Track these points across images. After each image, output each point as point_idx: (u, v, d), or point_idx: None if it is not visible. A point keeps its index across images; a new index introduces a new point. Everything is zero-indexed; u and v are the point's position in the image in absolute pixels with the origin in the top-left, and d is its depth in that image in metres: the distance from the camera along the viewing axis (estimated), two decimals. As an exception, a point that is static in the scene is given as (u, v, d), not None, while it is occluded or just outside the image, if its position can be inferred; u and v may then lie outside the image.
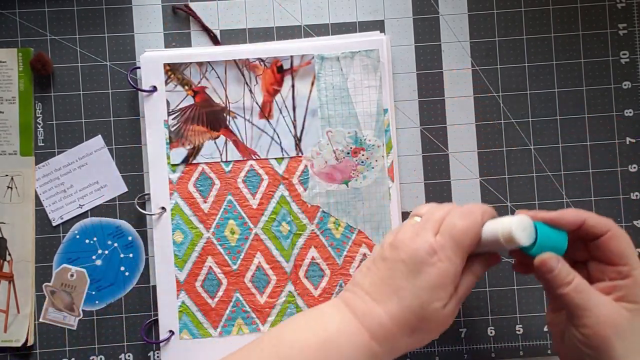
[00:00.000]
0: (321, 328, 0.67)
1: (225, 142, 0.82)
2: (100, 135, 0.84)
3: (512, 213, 0.83)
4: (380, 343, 0.66)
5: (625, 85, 0.85)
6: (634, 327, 0.64)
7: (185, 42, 0.84)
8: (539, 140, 0.85)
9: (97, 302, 0.84)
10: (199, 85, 0.82)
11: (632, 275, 0.65)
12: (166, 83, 0.82)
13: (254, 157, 0.82)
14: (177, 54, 0.82)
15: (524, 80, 0.85)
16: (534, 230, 0.66)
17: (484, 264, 0.71)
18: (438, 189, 0.84)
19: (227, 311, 0.82)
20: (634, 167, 0.85)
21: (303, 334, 0.67)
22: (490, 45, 0.85)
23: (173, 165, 0.82)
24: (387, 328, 0.66)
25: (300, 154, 0.82)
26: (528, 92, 0.85)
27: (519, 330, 0.84)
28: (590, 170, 0.85)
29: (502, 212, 0.84)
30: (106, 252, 0.84)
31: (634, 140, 0.85)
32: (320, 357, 0.65)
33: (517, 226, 0.65)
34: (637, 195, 0.85)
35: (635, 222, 0.85)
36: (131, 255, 0.84)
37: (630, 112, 0.85)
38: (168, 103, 0.82)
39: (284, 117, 0.82)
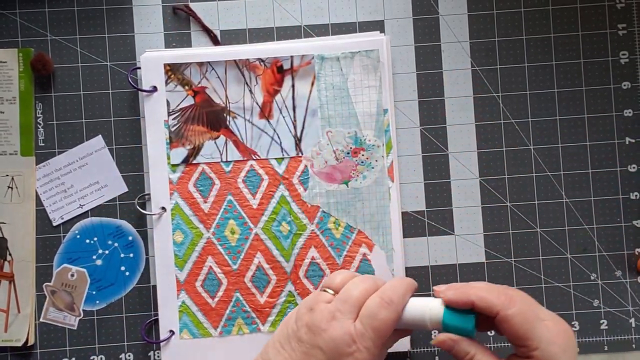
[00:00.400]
0: None
1: (226, 142, 0.82)
2: (100, 135, 0.84)
3: (512, 213, 0.84)
4: None
5: (625, 85, 0.85)
6: None
7: (186, 42, 0.85)
8: (539, 140, 0.85)
9: (97, 302, 0.84)
10: (199, 86, 0.82)
11: (532, 356, 0.64)
12: (166, 83, 0.82)
13: (254, 157, 0.82)
14: (177, 54, 0.82)
15: (524, 80, 0.85)
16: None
17: (396, 339, 0.71)
18: (438, 189, 0.85)
19: (227, 311, 0.82)
20: (634, 167, 0.85)
21: None
22: (490, 45, 0.85)
23: (173, 165, 0.82)
24: None
25: (300, 154, 0.82)
26: (528, 92, 0.85)
27: (518, 330, 0.84)
28: (590, 170, 0.85)
29: (501, 211, 0.84)
30: (106, 252, 0.84)
31: (633, 140, 0.85)
32: None
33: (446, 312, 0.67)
34: (637, 195, 0.85)
35: (634, 222, 0.85)
36: (131, 255, 0.84)
37: (629, 112, 0.85)
38: (168, 103, 0.82)
39: (284, 117, 0.82)
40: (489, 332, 0.84)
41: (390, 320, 0.66)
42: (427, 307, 0.67)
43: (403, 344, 0.82)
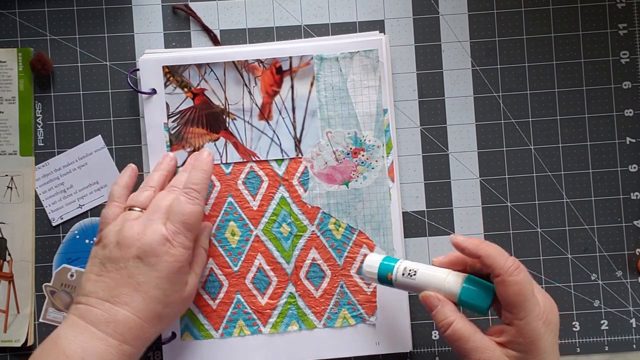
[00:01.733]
0: (62, 357, 0.66)
1: (225, 144, 0.82)
2: (100, 136, 0.84)
3: (512, 213, 0.84)
4: (131, 344, 0.68)
5: (625, 85, 0.85)
6: None
7: (185, 42, 0.84)
8: (539, 140, 0.85)
9: (97, 302, 0.84)
10: (198, 88, 0.82)
11: (515, 325, 0.66)
12: (165, 85, 0.82)
13: (253, 159, 0.82)
14: (176, 56, 0.82)
15: (524, 80, 0.85)
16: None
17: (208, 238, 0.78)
18: (438, 188, 0.85)
19: (229, 313, 0.82)
20: (634, 167, 0.85)
21: None
22: (490, 45, 0.85)
23: (174, 167, 0.82)
24: (136, 327, 0.68)
25: (300, 155, 0.82)
26: (528, 92, 0.85)
27: (518, 330, 0.84)
28: (590, 170, 0.85)
29: (502, 211, 0.84)
30: (106, 252, 0.84)
31: (634, 140, 0.85)
32: None
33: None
34: (637, 195, 0.85)
35: (635, 222, 0.85)
36: (131, 255, 0.84)
37: (630, 112, 0.85)
38: (167, 106, 0.82)
39: (283, 118, 0.82)
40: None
41: (197, 212, 0.72)
42: (446, 280, 0.70)
43: (404, 345, 0.82)
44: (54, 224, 0.84)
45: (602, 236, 0.84)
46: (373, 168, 0.82)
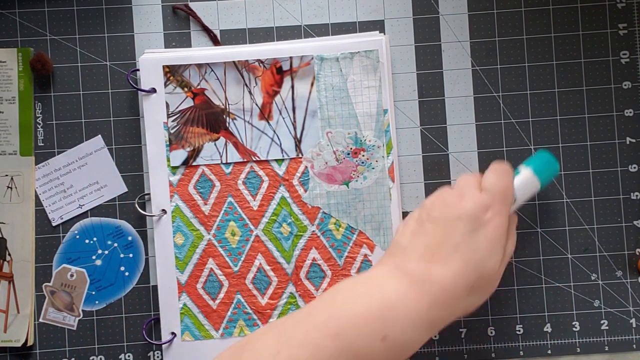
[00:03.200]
0: (378, 297, 0.65)
1: (225, 144, 0.82)
2: (100, 136, 0.84)
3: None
4: (440, 308, 0.66)
5: (625, 85, 0.85)
6: None
7: (185, 42, 0.84)
8: (539, 140, 0.85)
9: (97, 302, 0.84)
10: (199, 87, 0.82)
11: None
12: (165, 85, 0.82)
13: (254, 159, 0.82)
14: (176, 56, 0.82)
15: (524, 80, 0.85)
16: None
17: (513, 223, 0.76)
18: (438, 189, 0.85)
19: (229, 313, 0.82)
20: (634, 167, 0.85)
21: (358, 302, 0.65)
22: (490, 45, 0.85)
23: (173, 167, 0.82)
24: (449, 290, 0.66)
25: (300, 155, 0.82)
26: (528, 92, 0.85)
27: (519, 330, 0.84)
28: (591, 170, 0.85)
29: (502, 212, 0.84)
30: (106, 252, 0.84)
31: (634, 140, 0.85)
32: (378, 330, 0.64)
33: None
34: (637, 195, 0.85)
35: (635, 222, 0.85)
36: (131, 255, 0.84)
37: (630, 112, 0.85)
38: (167, 105, 0.82)
39: (283, 118, 0.82)
40: (489, 332, 0.84)
41: (509, 183, 0.72)
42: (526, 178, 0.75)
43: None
44: (54, 224, 0.84)
45: (602, 236, 0.84)
46: (373, 168, 0.82)
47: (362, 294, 0.66)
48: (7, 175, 0.83)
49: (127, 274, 0.84)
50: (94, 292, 0.84)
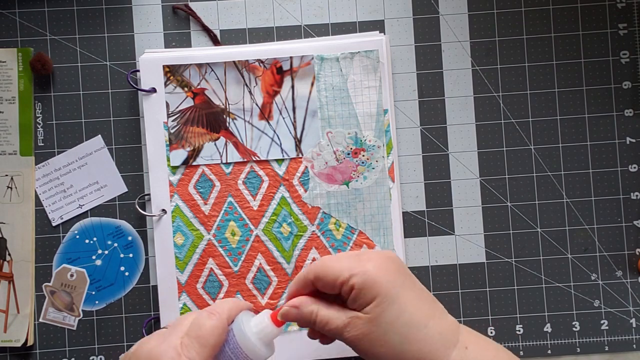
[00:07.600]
0: None
1: (225, 144, 0.82)
2: (100, 135, 0.84)
3: (512, 213, 0.84)
4: None
5: (625, 85, 0.85)
6: None
7: (185, 42, 0.84)
8: (539, 140, 0.85)
9: (97, 302, 0.84)
10: (199, 87, 0.82)
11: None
12: (165, 85, 0.82)
13: (254, 159, 0.82)
14: (176, 56, 0.82)
15: (524, 80, 0.85)
16: None
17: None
18: (438, 189, 0.85)
19: (229, 313, 0.82)
20: (634, 167, 0.85)
21: None
22: (490, 45, 0.85)
23: (173, 167, 0.82)
24: None
25: (300, 155, 0.82)
26: (528, 92, 0.85)
27: (519, 330, 0.84)
28: (591, 170, 0.85)
29: (502, 211, 0.84)
30: (106, 252, 0.84)
31: (634, 140, 0.85)
32: None
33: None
34: (637, 195, 0.85)
35: (635, 222, 0.85)
36: (131, 255, 0.84)
37: (630, 112, 0.85)
38: (167, 105, 0.82)
39: (284, 118, 0.82)
40: (489, 332, 0.84)
41: (214, 328, 0.67)
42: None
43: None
44: (54, 224, 0.84)
45: (602, 236, 0.84)
46: (373, 168, 0.82)
47: None
48: (7, 175, 0.83)
49: (127, 274, 0.84)
50: (94, 292, 0.84)
